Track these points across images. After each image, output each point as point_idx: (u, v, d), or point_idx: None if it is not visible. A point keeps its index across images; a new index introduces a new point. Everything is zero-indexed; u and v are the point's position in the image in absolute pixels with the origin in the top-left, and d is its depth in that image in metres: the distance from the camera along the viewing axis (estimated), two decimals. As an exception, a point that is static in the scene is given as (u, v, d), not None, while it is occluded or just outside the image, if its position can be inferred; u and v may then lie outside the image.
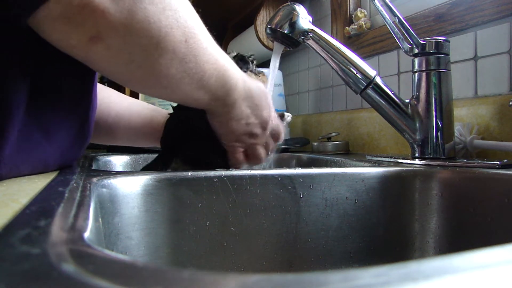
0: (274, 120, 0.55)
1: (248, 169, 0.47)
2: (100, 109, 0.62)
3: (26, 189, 0.31)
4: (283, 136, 0.58)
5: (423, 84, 0.60)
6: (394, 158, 0.63)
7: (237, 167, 0.54)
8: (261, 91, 0.52)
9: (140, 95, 1.06)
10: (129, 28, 0.32)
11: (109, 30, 0.32)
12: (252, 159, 0.55)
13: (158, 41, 0.34)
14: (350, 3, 1.05)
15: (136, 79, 0.38)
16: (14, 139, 0.35)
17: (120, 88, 0.76)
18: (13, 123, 0.35)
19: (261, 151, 0.55)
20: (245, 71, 0.65)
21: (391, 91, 0.61)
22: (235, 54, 0.67)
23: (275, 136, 0.56)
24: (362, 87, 0.61)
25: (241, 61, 0.65)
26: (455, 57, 0.71)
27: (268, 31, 0.63)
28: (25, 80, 0.35)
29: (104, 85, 0.71)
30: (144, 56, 0.35)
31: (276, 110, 1.14)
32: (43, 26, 0.31)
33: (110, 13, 0.31)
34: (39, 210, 0.22)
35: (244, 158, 0.54)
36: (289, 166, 0.90)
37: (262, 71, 0.68)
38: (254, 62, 0.67)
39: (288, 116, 0.62)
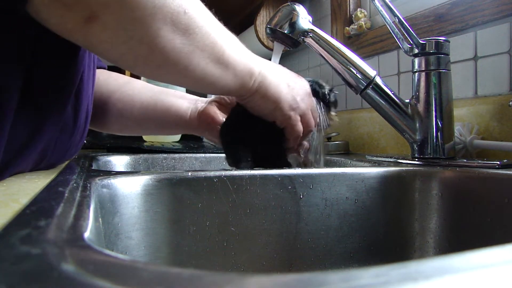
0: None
1: (248, 169, 0.47)
2: (123, 102, 0.63)
3: (26, 189, 0.31)
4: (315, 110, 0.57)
5: (423, 84, 0.60)
6: (394, 158, 0.63)
7: (299, 142, 0.54)
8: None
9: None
10: (121, 2, 0.32)
11: (102, 7, 0.31)
12: (307, 126, 0.54)
13: (153, 13, 0.33)
14: (350, 3, 1.04)
15: (141, 59, 0.37)
16: (5, 138, 0.35)
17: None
18: (7, 122, 0.34)
19: (311, 116, 0.54)
20: (333, 108, 0.61)
21: (391, 91, 0.61)
22: (333, 90, 0.62)
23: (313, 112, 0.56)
24: (362, 87, 0.61)
25: (335, 101, 0.60)
26: (455, 57, 0.71)
27: (268, 31, 0.63)
28: (20, 77, 0.35)
29: None
30: (143, 31, 0.34)
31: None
32: (40, 13, 0.31)
33: None
34: (39, 210, 0.22)
35: (301, 129, 0.53)
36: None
37: (336, 114, 0.63)
38: (332, 98, 0.61)
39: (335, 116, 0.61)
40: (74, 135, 0.47)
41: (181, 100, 0.65)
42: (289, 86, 0.50)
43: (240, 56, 0.44)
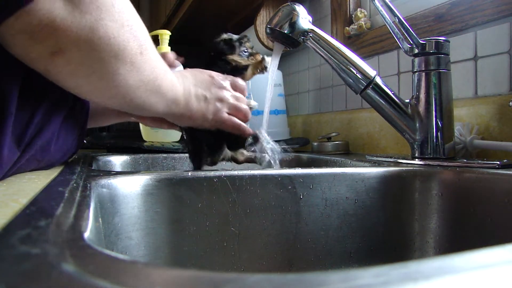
0: (226, 80, 0.58)
1: (248, 169, 0.47)
2: None
3: (26, 189, 0.31)
4: (245, 91, 0.61)
5: (423, 84, 0.60)
6: (394, 158, 0.63)
7: (240, 129, 0.58)
8: (195, 70, 0.57)
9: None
10: (90, 43, 0.34)
11: (71, 46, 0.33)
12: (241, 115, 0.58)
13: (117, 54, 0.36)
14: (350, 3, 1.04)
15: (97, 91, 0.39)
16: (9, 138, 0.35)
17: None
18: (8, 121, 0.35)
19: (238, 106, 0.58)
20: (230, 54, 0.63)
21: (391, 91, 0.61)
22: (224, 38, 0.65)
23: (238, 91, 0.60)
24: (362, 87, 0.61)
25: (226, 45, 0.63)
26: (455, 57, 0.71)
27: (268, 31, 0.62)
28: (18, 77, 0.36)
29: None
30: (105, 69, 0.37)
31: (277, 112, 1.14)
32: (5, 40, 0.32)
33: (72, 31, 0.32)
34: (39, 210, 0.22)
35: (235, 121, 0.57)
36: (289, 166, 0.90)
37: (257, 52, 0.66)
38: (246, 44, 0.65)
39: (255, 105, 0.64)
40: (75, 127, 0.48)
41: None
42: (207, 99, 0.54)
43: (171, 83, 0.47)
